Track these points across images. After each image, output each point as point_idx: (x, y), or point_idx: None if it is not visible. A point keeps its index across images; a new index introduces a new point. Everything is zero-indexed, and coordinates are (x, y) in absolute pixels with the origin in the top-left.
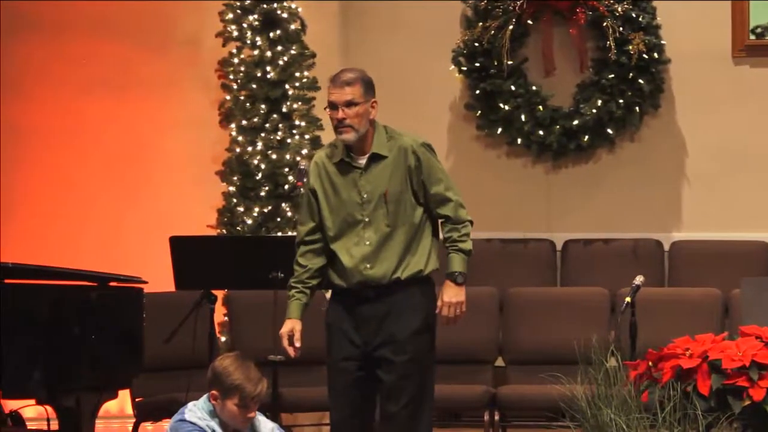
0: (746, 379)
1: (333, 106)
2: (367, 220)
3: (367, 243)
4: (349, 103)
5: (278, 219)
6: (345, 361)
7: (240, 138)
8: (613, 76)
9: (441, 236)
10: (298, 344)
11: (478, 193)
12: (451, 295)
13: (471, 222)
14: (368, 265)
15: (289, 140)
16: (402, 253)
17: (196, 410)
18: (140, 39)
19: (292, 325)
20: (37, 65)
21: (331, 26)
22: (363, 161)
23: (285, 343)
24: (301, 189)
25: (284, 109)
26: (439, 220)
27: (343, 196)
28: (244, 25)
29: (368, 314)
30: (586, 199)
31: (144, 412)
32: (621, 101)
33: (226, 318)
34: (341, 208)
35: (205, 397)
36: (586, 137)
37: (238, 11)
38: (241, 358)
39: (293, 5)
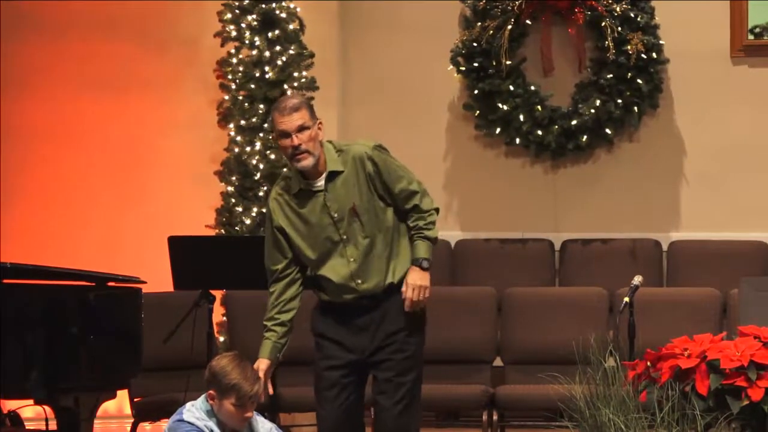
0: (745, 379)
1: (285, 134)
2: (345, 237)
3: (352, 260)
4: (301, 128)
5: None
6: (337, 370)
7: (238, 138)
8: (611, 76)
9: (407, 225)
10: (262, 384)
11: (477, 193)
12: (416, 278)
13: (437, 210)
14: (359, 281)
15: None
16: (387, 258)
17: (194, 410)
18: (140, 39)
19: (256, 365)
20: (37, 65)
21: (330, 26)
22: (321, 183)
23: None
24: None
25: None
26: (403, 215)
27: (314, 223)
28: (243, 25)
29: (365, 322)
30: (584, 199)
31: (142, 412)
32: (619, 101)
33: (224, 318)
34: (316, 235)
35: (203, 396)
36: (585, 137)
37: (237, 11)
38: (239, 357)
39: (292, 5)
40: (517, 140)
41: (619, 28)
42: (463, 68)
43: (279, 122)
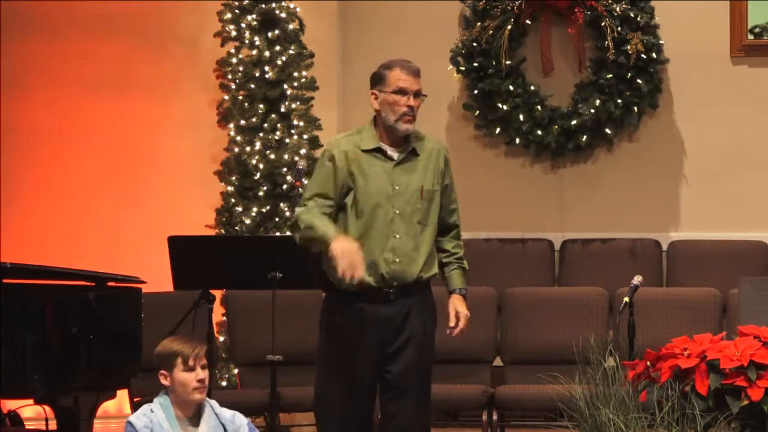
0: (744, 379)
1: (404, 92)
2: (397, 212)
3: (397, 236)
4: (418, 94)
5: (276, 219)
6: (359, 372)
7: (238, 138)
8: (611, 76)
9: (444, 246)
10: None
11: (477, 193)
12: (464, 308)
13: None
14: (397, 260)
15: (287, 140)
16: (429, 252)
17: (152, 404)
18: (139, 39)
19: (343, 242)
20: (37, 65)
21: (330, 26)
22: (396, 154)
23: (358, 258)
24: (300, 181)
25: (282, 109)
26: (443, 229)
27: (373, 186)
28: (243, 25)
29: (388, 315)
30: (584, 198)
31: None
32: (619, 101)
33: (224, 318)
34: (371, 198)
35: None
36: (585, 137)
37: (237, 11)
38: (175, 335)
39: (292, 5)
40: (517, 140)
41: (619, 28)
42: (463, 68)
43: (402, 79)
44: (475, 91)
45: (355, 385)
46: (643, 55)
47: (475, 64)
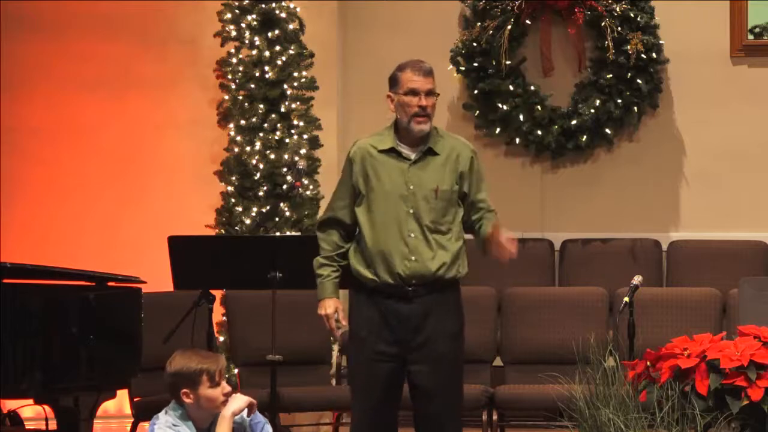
0: (744, 379)
1: (414, 92)
2: (411, 211)
3: (412, 235)
4: (430, 92)
5: (276, 219)
6: (380, 363)
7: (238, 138)
8: (611, 76)
9: (473, 217)
10: (345, 322)
11: None
12: (502, 233)
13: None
14: (413, 258)
15: (287, 140)
16: (445, 251)
17: (169, 418)
18: (139, 39)
19: (335, 305)
20: (37, 65)
21: (330, 26)
22: (413, 154)
23: (332, 324)
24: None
25: (282, 109)
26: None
27: (388, 186)
28: (243, 25)
29: (406, 313)
30: (584, 198)
31: (142, 412)
32: (619, 101)
33: (224, 318)
34: (386, 197)
35: (172, 403)
36: (585, 137)
37: (237, 11)
38: (185, 349)
39: (292, 5)
40: (517, 140)
41: (619, 28)
42: (463, 68)
43: (412, 79)
44: (475, 91)
45: (377, 379)
46: (643, 55)
47: (475, 64)
